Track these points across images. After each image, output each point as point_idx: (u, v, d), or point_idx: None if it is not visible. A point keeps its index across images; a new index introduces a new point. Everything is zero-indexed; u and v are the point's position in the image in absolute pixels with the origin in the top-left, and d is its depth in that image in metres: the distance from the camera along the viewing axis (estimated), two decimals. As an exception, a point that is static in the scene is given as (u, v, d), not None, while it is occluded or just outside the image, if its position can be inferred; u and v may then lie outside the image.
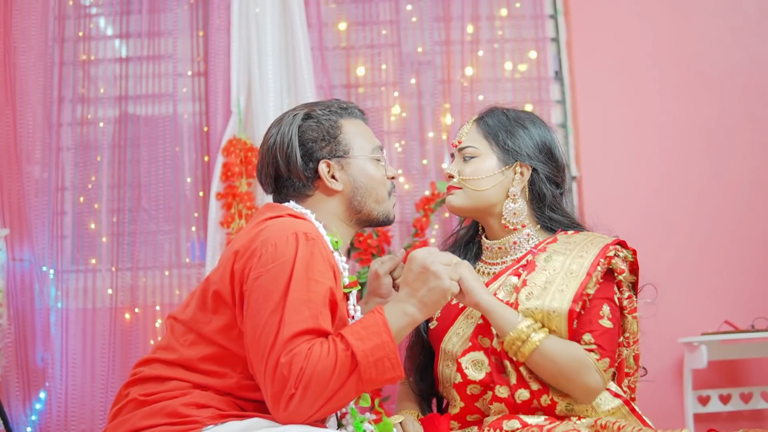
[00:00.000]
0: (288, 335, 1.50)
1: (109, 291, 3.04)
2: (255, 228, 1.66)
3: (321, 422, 1.64)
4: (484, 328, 1.85)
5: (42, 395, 2.96)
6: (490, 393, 1.82)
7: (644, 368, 1.99)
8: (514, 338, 1.76)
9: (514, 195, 1.95)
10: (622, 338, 1.89)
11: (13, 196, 3.01)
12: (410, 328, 1.61)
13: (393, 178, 1.85)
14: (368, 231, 2.97)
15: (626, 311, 1.88)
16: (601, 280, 1.83)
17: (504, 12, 3.22)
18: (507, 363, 1.81)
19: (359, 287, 1.74)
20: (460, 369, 1.84)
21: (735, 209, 3.13)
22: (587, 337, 1.80)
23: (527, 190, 1.97)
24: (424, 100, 3.17)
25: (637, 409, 1.82)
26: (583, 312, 1.81)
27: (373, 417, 1.72)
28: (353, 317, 1.73)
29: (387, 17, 3.23)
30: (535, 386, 1.79)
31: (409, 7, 3.20)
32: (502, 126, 1.98)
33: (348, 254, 2.95)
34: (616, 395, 1.82)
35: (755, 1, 3.25)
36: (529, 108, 3.15)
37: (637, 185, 3.14)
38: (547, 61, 3.24)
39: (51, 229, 3.06)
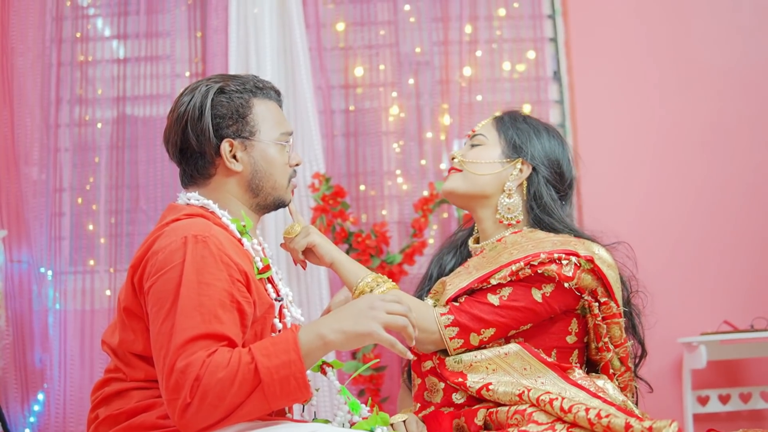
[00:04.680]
0: (180, 341, 1.44)
1: (108, 292, 3.03)
2: (150, 237, 1.65)
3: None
4: None
5: (40, 397, 2.95)
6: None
7: (648, 383, 2.02)
8: (361, 290, 1.85)
9: (510, 190, 1.97)
10: (601, 343, 1.89)
11: (11, 197, 3.01)
12: (322, 352, 1.50)
13: (297, 164, 1.82)
14: (366, 232, 2.96)
15: (599, 318, 1.87)
16: (513, 278, 1.83)
17: (502, 12, 3.22)
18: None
19: (272, 271, 1.73)
20: (412, 349, 1.90)
21: (734, 209, 3.12)
22: (461, 299, 1.86)
23: (525, 188, 1.98)
24: (422, 100, 3.16)
25: (627, 406, 1.76)
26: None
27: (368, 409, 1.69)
28: (281, 297, 1.73)
29: (385, 17, 3.23)
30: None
31: (407, 7, 3.20)
32: (516, 125, 2.03)
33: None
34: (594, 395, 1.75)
35: (754, 1, 3.24)
36: (527, 108, 3.15)
37: (635, 185, 3.14)
38: (545, 61, 3.24)
39: (49, 231, 3.06)
